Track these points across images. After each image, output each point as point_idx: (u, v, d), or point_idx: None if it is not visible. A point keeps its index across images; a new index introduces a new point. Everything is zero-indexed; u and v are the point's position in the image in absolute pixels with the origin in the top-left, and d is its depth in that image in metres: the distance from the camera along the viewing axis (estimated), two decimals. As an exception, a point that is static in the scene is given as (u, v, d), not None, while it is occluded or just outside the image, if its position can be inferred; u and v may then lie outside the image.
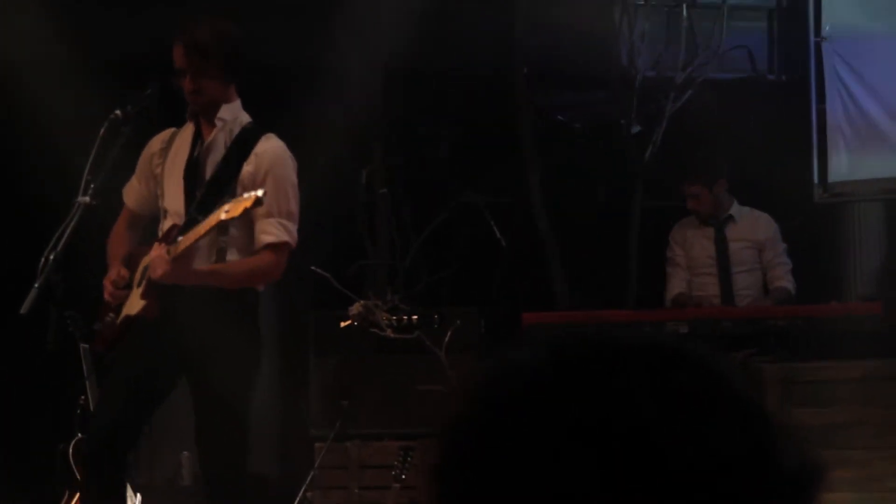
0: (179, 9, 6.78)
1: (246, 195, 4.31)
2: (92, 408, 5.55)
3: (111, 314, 4.69)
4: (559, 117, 7.77)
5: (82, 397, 5.50)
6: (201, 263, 4.55)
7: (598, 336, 1.16)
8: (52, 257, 4.47)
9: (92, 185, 4.55)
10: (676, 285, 6.77)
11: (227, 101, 4.64)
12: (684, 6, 7.44)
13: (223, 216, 4.32)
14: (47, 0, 6.58)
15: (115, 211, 4.88)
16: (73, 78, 6.44)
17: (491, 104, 7.57)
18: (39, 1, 6.56)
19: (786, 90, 7.61)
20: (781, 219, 6.87)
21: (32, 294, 4.41)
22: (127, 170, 4.82)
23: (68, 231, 4.49)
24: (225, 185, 4.58)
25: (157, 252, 4.46)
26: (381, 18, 7.02)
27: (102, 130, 4.57)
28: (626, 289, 7.33)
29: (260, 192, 4.28)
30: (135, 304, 4.61)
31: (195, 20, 4.60)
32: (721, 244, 6.72)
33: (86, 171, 4.55)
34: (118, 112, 4.59)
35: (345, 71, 7.07)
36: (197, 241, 4.44)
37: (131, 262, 4.73)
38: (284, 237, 4.57)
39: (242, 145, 4.61)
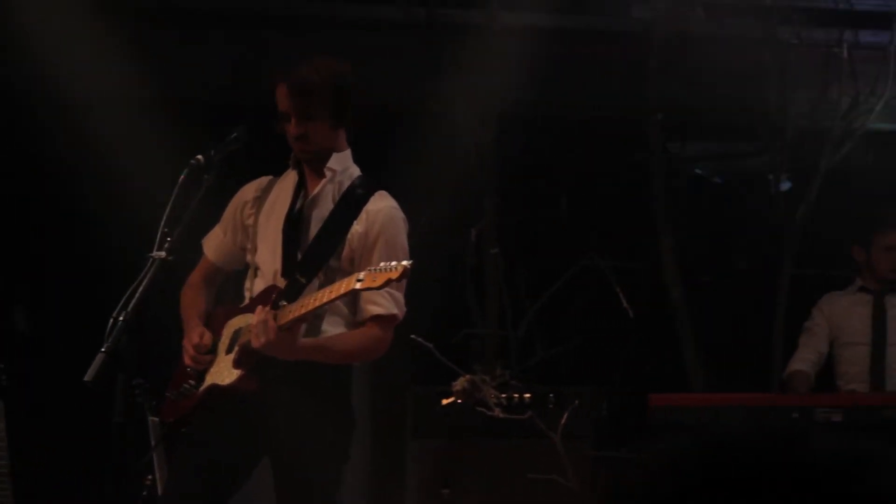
0: (271, 45, 6.87)
1: (387, 265, 4.19)
2: (160, 490, 5.54)
3: (190, 381, 4.63)
4: (697, 171, 7.68)
5: (149, 477, 5.48)
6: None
7: (760, 443, 1.15)
8: (121, 319, 4.45)
9: (168, 239, 4.51)
10: (799, 360, 6.69)
11: (337, 149, 4.61)
12: (845, 46, 7.33)
13: (357, 285, 4.20)
14: (124, 34, 6.66)
15: (191, 268, 4.87)
16: (151, 120, 6.50)
17: (619, 155, 7.50)
18: (114, 35, 6.64)
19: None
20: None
21: (98, 360, 4.37)
22: (206, 222, 4.81)
23: (140, 290, 4.46)
24: (331, 244, 4.54)
25: (262, 317, 4.35)
26: (495, 59, 7.00)
27: (182, 177, 4.53)
28: (770, 369, 7.17)
29: (407, 263, 4.18)
30: (225, 374, 4.54)
31: (301, 58, 4.56)
32: (879, 312, 6.63)
33: (162, 223, 4.52)
34: (200, 157, 4.55)
35: (454, 117, 7.06)
36: (313, 311, 4.35)
37: (211, 323, 4.70)
38: (394, 309, 4.52)
39: (352, 201, 4.57)
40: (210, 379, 4.60)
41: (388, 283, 4.19)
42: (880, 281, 6.69)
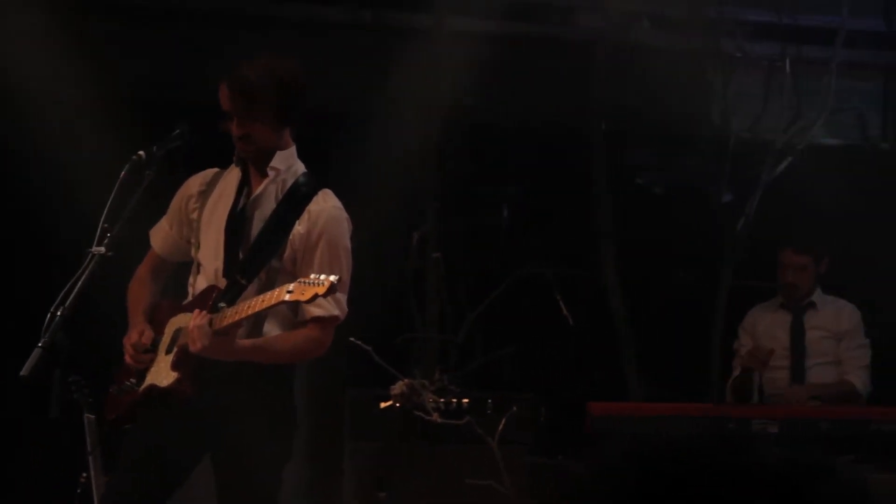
0: (216, 43, 6.89)
1: (316, 278, 4.23)
2: (94, 486, 5.54)
3: (131, 380, 4.63)
4: (639, 181, 7.73)
5: (84, 474, 5.48)
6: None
7: (696, 456, 1.17)
8: (59, 314, 4.44)
9: (108, 234, 4.52)
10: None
11: (281, 147, 4.61)
12: (787, 60, 7.42)
13: (286, 297, 4.23)
14: (67, 30, 6.65)
15: (133, 264, 4.88)
16: (94, 115, 6.50)
17: (562, 164, 7.54)
18: (57, 31, 6.63)
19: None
20: (879, 309, 6.81)
21: (35, 355, 4.36)
22: (147, 218, 4.82)
23: (79, 285, 4.46)
24: (273, 244, 4.55)
25: (198, 322, 4.38)
26: (441, 64, 7.04)
27: (123, 173, 4.51)
28: (708, 379, 7.26)
29: (334, 278, 4.21)
30: (163, 375, 4.56)
31: (243, 58, 4.55)
32: (797, 332, 6.69)
33: (102, 218, 4.53)
34: (141, 153, 4.54)
35: (400, 122, 7.07)
36: (246, 318, 4.38)
37: (155, 317, 4.71)
38: (334, 311, 4.52)
39: (295, 201, 4.58)
40: (150, 379, 4.61)
41: (315, 297, 4.22)
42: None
